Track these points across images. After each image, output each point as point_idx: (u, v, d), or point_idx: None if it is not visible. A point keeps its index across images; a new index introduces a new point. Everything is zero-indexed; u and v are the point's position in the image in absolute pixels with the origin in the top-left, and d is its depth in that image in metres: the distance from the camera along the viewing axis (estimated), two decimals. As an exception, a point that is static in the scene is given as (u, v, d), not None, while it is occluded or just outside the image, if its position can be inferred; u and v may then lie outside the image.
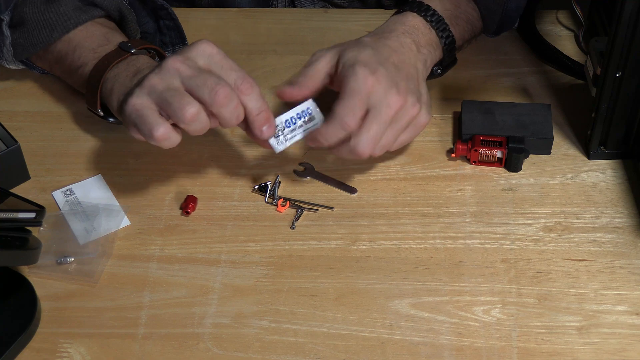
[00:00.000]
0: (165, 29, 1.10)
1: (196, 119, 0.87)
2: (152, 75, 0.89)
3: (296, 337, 0.87)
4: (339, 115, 0.91)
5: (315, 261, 0.93)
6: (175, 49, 1.10)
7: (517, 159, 1.00)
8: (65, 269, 0.93)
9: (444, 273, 0.92)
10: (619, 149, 1.01)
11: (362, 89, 0.91)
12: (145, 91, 0.88)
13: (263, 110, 0.90)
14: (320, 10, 1.22)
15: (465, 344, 0.86)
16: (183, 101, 0.87)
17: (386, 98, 0.91)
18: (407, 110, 0.93)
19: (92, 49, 1.01)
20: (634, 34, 0.90)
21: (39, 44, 1.02)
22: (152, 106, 0.88)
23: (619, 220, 0.96)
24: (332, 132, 0.91)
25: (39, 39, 1.02)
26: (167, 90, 0.88)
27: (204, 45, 0.91)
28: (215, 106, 0.87)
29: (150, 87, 0.88)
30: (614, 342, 0.86)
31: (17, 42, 1.03)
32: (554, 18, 1.18)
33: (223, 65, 0.90)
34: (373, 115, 0.91)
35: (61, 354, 0.87)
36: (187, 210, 0.97)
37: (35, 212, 0.85)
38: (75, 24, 1.02)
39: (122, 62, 0.99)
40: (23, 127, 1.06)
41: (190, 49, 0.91)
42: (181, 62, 0.89)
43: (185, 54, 0.90)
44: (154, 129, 0.87)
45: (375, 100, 0.91)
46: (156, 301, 0.90)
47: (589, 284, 0.91)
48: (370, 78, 0.91)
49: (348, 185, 0.97)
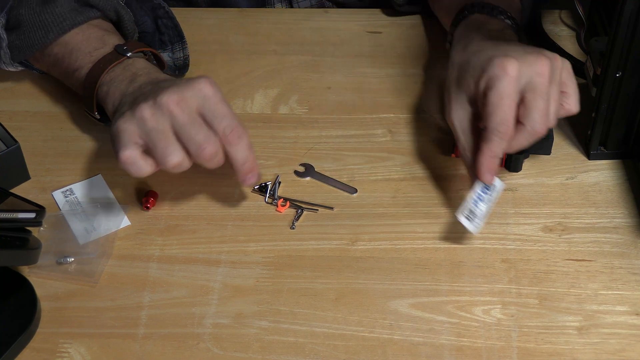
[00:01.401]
0: (164, 27, 1.10)
1: (178, 167, 0.89)
2: (145, 107, 0.89)
3: (296, 337, 0.88)
4: (494, 129, 0.90)
5: (315, 261, 0.93)
6: (174, 48, 1.10)
7: (517, 159, 1.00)
8: (65, 269, 0.93)
9: (444, 273, 0.92)
10: (619, 149, 1.01)
11: (505, 83, 0.89)
12: (135, 121, 0.89)
13: (248, 161, 0.91)
14: (321, 10, 1.22)
15: (465, 344, 0.86)
16: (168, 149, 0.88)
17: (533, 69, 0.89)
18: (554, 64, 0.91)
19: (88, 52, 1.01)
20: (634, 34, 0.90)
21: (34, 46, 1.02)
22: (137, 138, 0.88)
23: (619, 220, 0.96)
24: (495, 144, 0.90)
25: (35, 40, 1.02)
26: (156, 131, 0.88)
27: (202, 84, 0.90)
28: (199, 160, 0.89)
29: (141, 119, 0.88)
30: (614, 342, 0.86)
31: (13, 45, 1.03)
32: (557, 18, 1.18)
33: (215, 111, 0.90)
34: (532, 91, 0.89)
35: (61, 354, 0.87)
36: (147, 205, 0.97)
37: (35, 212, 0.85)
38: (71, 25, 1.02)
39: (118, 65, 0.99)
40: (23, 127, 1.06)
41: (188, 87, 0.90)
42: (176, 103, 0.88)
43: (182, 93, 0.89)
44: (121, 150, 0.88)
45: (525, 80, 0.90)
46: (156, 301, 0.90)
47: (589, 284, 0.91)
48: (508, 63, 0.89)
49: (348, 185, 0.97)
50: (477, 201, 0.92)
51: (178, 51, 1.10)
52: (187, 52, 1.10)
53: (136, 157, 0.88)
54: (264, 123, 1.07)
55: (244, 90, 1.11)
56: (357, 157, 1.03)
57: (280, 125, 1.07)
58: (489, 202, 0.93)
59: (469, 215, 0.92)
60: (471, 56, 0.94)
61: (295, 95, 1.10)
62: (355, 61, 1.14)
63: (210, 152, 0.88)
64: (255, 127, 1.07)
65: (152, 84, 0.95)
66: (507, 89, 0.89)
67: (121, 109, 0.93)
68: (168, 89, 0.90)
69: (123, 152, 0.88)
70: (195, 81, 0.91)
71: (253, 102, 1.10)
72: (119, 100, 0.96)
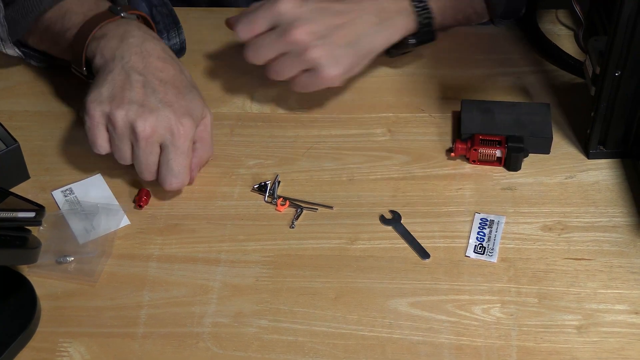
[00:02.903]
0: (159, 15, 1.10)
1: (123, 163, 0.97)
2: (120, 115, 0.93)
3: (295, 336, 0.88)
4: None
5: (314, 260, 0.93)
6: (170, 35, 1.10)
7: (516, 158, 1.00)
8: (65, 269, 0.93)
9: (443, 272, 0.92)
10: (618, 148, 1.01)
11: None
12: (105, 117, 0.94)
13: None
14: (320, 9, 1.22)
15: (464, 343, 0.86)
16: (118, 154, 0.96)
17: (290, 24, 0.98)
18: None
19: (82, 12, 1.02)
20: (633, 34, 0.90)
21: (29, 14, 1.03)
22: (102, 125, 0.95)
23: (618, 219, 0.96)
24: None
25: (29, 7, 1.03)
26: (118, 138, 0.94)
27: (183, 124, 0.94)
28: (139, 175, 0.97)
29: (113, 123, 0.94)
30: (613, 341, 0.86)
31: (10, 17, 1.03)
32: (554, 17, 1.18)
33: (172, 161, 0.95)
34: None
35: (61, 354, 0.87)
36: (140, 204, 0.97)
37: (34, 212, 0.85)
38: None
39: (111, 23, 1.00)
40: (23, 126, 1.06)
41: (164, 116, 0.94)
42: (146, 138, 0.93)
43: (156, 123, 0.93)
44: (94, 142, 0.96)
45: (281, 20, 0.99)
46: (156, 300, 0.90)
47: (588, 283, 0.91)
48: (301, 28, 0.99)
49: (423, 249, 0.95)
50: (483, 238, 0.94)
51: (174, 37, 1.10)
52: (182, 37, 1.11)
53: (104, 143, 0.96)
54: (263, 122, 1.07)
55: (244, 89, 1.11)
56: (356, 156, 1.03)
57: (280, 124, 1.07)
58: (496, 237, 0.94)
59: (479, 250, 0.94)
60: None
61: (294, 94, 1.10)
62: (354, 61, 1.14)
63: (146, 178, 0.97)
64: (255, 127, 1.07)
65: (144, 67, 0.97)
66: None
67: (105, 77, 0.96)
68: (150, 113, 0.93)
69: (95, 142, 0.96)
70: (178, 114, 0.94)
71: (252, 102, 1.10)
72: (109, 55, 0.97)
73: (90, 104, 0.95)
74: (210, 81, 1.12)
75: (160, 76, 0.96)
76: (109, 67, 0.96)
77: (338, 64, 1.00)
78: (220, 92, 1.11)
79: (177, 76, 0.98)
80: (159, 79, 0.96)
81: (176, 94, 0.96)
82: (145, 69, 0.96)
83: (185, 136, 0.94)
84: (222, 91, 1.11)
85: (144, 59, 0.97)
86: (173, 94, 0.96)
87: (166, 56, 0.99)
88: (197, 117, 0.96)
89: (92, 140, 0.95)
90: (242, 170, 1.02)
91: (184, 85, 0.98)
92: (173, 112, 0.94)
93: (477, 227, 0.95)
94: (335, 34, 1.00)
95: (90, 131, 0.95)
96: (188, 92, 0.97)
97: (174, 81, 0.97)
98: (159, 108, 0.94)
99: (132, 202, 0.98)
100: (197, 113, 0.97)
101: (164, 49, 1.00)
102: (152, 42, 0.99)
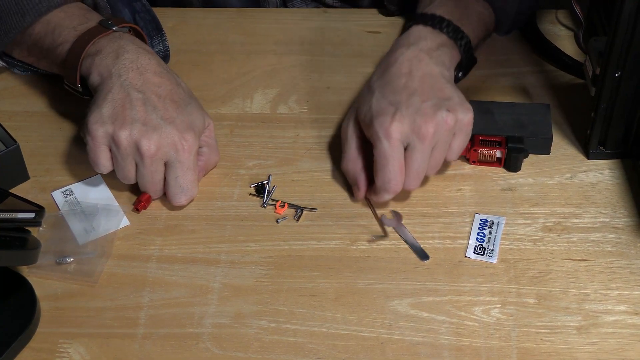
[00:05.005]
0: (142, 22, 1.09)
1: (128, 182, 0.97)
2: (124, 135, 0.93)
3: (295, 337, 0.88)
4: (382, 187, 0.94)
5: (314, 261, 0.93)
6: (153, 42, 1.09)
7: (516, 159, 1.00)
8: (65, 269, 0.93)
9: (443, 273, 0.92)
10: (618, 148, 1.01)
11: (388, 146, 0.92)
12: (109, 137, 0.93)
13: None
14: (320, 10, 1.22)
15: (464, 344, 0.86)
16: (122, 173, 0.96)
17: (416, 133, 0.92)
18: (442, 126, 0.93)
19: (73, 27, 1.01)
20: (633, 34, 0.90)
21: (12, 30, 1.02)
22: (104, 145, 0.94)
23: (618, 220, 0.96)
24: (385, 197, 0.95)
25: (11, 24, 1.02)
26: (121, 157, 0.94)
27: (186, 140, 0.95)
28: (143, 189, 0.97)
29: (116, 143, 0.93)
30: (613, 341, 0.86)
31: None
32: (554, 17, 1.18)
33: (179, 177, 0.95)
34: (411, 152, 0.93)
35: (60, 354, 0.87)
36: (137, 207, 0.97)
37: (34, 212, 0.85)
38: (48, 7, 1.02)
39: (104, 38, 0.99)
40: (23, 127, 1.06)
41: (168, 134, 0.94)
42: (151, 156, 0.93)
43: (160, 141, 0.93)
44: (97, 161, 0.95)
45: (408, 140, 0.93)
46: (155, 301, 0.90)
47: (588, 283, 0.91)
48: (391, 127, 0.92)
49: (423, 250, 0.94)
50: (483, 239, 0.94)
51: (158, 44, 1.10)
52: (166, 43, 1.10)
53: (107, 162, 0.95)
54: (263, 123, 1.07)
55: (243, 90, 1.11)
56: (356, 157, 1.03)
57: (280, 125, 1.07)
58: (496, 238, 0.94)
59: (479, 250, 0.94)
60: (369, 96, 0.97)
61: (294, 95, 1.10)
62: (354, 61, 1.14)
63: (153, 197, 0.98)
64: (255, 127, 1.07)
65: (142, 83, 0.96)
66: (389, 151, 0.92)
67: (104, 97, 0.95)
68: (153, 131, 0.93)
69: (98, 162, 0.95)
70: (180, 130, 0.94)
71: (252, 102, 1.10)
72: (106, 72, 0.97)
73: (93, 124, 0.94)
74: (210, 81, 1.12)
75: (158, 92, 0.96)
76: (107, 85, 0.96)
77: (464, 107, 0.95)
78: (220, 93, 1.11)
79: (174, 90, 0.98)
80: (157, 95, 0.96)
81: (176, 109, 0.96)
82: (143, 86, 0.96)
83: (190, 151, 0.94)
84: (222, 91, 1.11)
85: (141, 75, 0.96)
86: (173, 109, 0.96)
87: (162, 70, 0.99)
88: (199, 129, 0.97)
89: (95, 160, 0.95)
90: (242, 171, 1.02)
91: (181, 98, 0.97)
92: (175, 128, 0.94)
93: (477, 228, 0.95)
94: (435, 106, 0.94)
95: (93, 151, 0.94)
96: (187, 104, 0.97)
97: (172, 95, 0.97)
98: (161, 125, 0.94)
99: (132, 204, 0.98)
100: (199, 124, 0.97)
101: (159, 63, 0.99)
102: (147, 57, 0.98)
